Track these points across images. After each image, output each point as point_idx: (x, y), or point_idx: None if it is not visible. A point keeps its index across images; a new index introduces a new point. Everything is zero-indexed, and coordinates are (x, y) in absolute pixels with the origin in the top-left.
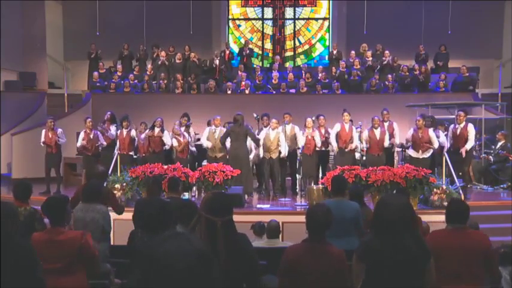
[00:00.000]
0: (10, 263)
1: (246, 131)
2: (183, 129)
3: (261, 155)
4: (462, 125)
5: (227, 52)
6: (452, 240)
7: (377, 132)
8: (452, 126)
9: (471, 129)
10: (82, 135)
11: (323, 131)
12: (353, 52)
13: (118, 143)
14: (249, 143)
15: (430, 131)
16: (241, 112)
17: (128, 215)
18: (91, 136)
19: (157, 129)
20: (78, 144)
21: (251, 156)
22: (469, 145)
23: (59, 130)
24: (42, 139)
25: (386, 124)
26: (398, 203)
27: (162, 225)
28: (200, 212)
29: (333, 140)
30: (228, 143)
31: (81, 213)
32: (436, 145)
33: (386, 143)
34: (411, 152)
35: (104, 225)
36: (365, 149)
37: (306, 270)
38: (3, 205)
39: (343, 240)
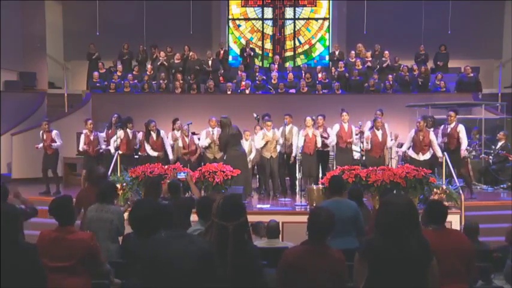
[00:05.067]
0: (14, 264)
1: (237, 132)
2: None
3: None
4: (452, 125)
5: (221, 52)
6: (438, 241)
7: (379, 134)
8: (442, 126)
9: (462, 129)
10: (83, 138)
11: (321, 130)
12: (353, 52)
13: (119, 143)
14: (250, 143)
15: (431, 133)
16: (226, 115)
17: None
18: (91, 138)
19: (153, 133)
20: (80, 147)
21: (251, 157)
22: (464, 145)
23: (54, 132)
24: (41, 144)
25: None
26: (401, 203)
27: (153, 229)
28: (212, 218)
29: (333, 139)
30: None
31: (96, 213)
32: (436, 149)
33: (389, 144)
34: (411, 154)
35: (118, 226)
36: (368, 147)
37: (305, 273)
38: (4, 206)
39: (342, 240)
